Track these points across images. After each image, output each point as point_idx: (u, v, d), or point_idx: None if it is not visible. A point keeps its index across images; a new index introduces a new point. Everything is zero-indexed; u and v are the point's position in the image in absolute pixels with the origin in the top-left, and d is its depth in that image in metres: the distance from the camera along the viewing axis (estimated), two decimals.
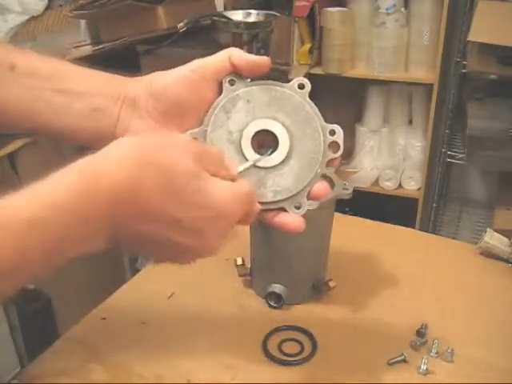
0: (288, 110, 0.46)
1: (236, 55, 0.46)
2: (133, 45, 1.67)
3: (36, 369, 0.64)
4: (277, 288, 0.73)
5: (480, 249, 0.86)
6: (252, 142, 0.45)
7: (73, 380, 0.63)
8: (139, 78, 0.48)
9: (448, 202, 2.23)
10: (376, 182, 2.12)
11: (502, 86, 1.78)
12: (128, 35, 1.63)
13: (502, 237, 0.84)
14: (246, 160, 0.45)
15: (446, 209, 2.21)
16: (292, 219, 0.45)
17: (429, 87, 1.92)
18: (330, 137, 0.47)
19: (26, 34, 1.55)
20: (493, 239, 0.84)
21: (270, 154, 0.45)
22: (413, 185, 2.08)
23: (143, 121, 0.46)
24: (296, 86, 0.47)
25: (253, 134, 0.45)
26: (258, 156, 0.45)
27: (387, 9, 1.88)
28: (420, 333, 0.68)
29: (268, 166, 0.45)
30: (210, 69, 0.46)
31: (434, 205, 2.06)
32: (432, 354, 0.66)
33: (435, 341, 0.66)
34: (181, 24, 1.41)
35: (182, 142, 0.41)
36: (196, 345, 0.68)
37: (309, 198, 0.46)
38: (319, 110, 0.47)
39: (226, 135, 0.45)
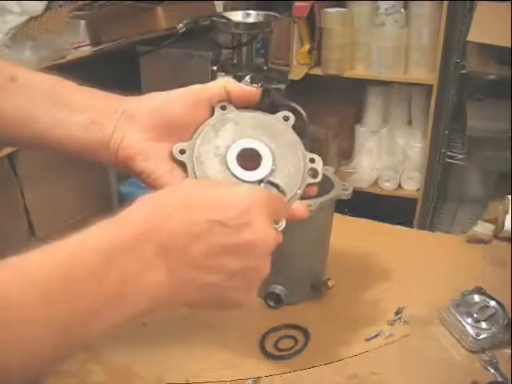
0: (273, 136, 0.49)
1: (232, 83, 0.49)
2: (132, 45, 1.67)
3: None
4: (276, 288, 0.73)
5: (468, 237, 0.91)
6: (237, 159, 0.47)
7: (72, 381, 0.63)
8: (137, 96, 0.50)
9: (446, 202, 2.23)
10: (375, 183, 2.13)
11: (500, 85, 1.79)
12: (128, 36, 1.63)
13: (489, 225, 0.91)
14: (230, 172, 0.46)
15: (444, 208, 2.21)
16: None
17: (428, 88, 1.92)
18: (310, 164, 0.49)
19: (25, 35, 1.55)
20: (482, 228, 0.90)
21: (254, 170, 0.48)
22: (412, 185, 2.08)
23: (139, 134, 0.47)
24: (281, 118, 0.51)
25: (239, 149, 0.47)
26: (244, 171, 0.47)
27: (386, 9, 1.89)
28: (398, 311, 0.74)
29: (251, 180, 0.47)
30: (206, 93, 0.48)
31: (433, 205, 2.07)
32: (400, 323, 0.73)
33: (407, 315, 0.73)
34: (180, 25, 1.41)
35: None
36: (196, 345, 0.68)
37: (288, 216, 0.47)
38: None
39: (213, 149, 0.47)
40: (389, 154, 2.16)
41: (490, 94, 1.88)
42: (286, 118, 0.51)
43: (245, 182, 0.47)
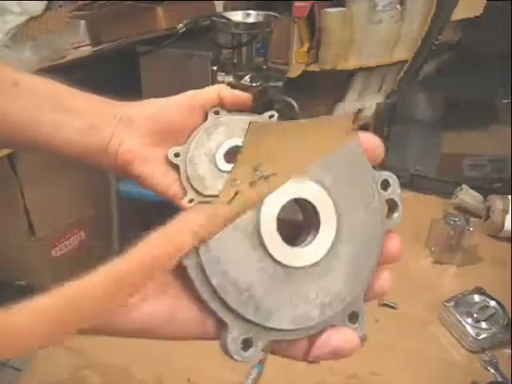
0: None
1: (225, 90, 0.51)
2: (132, 45, 1.67)
3: (28, 377, 0.64)
4: None
5: (454, 204, 0.95)
6: (226, 156, 0.50)
7: None
8: (135, 102, 0.51)
9: (397, 125, 2.24)
10: None
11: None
12: (128, 36, 1.63)
13: (476, 193, 0.91)
14: (218, 169, 0.49)
15: (397, 134, 2.22)
16: None
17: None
18: None
19: (25, 35, 1.55)
20: (467, 196, 0.90)
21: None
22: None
23: (137, 139, 0.49)
24: (267, 117, 0.53)
25: (227, 148, 0.50)
26: (229, 165, 0.49)
27: (384, 6, 1.91)
28: None
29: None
30: (201, 99, 0.50)
31: (385, 128, 2.06)
32: None
33: None
34: (180, 25, 1.41)
35: None
36: (194, 343, 0.68)
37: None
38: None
39: (205, 151, 0.50)
40: None
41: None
42: (272, 116, 0.54)
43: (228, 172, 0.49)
